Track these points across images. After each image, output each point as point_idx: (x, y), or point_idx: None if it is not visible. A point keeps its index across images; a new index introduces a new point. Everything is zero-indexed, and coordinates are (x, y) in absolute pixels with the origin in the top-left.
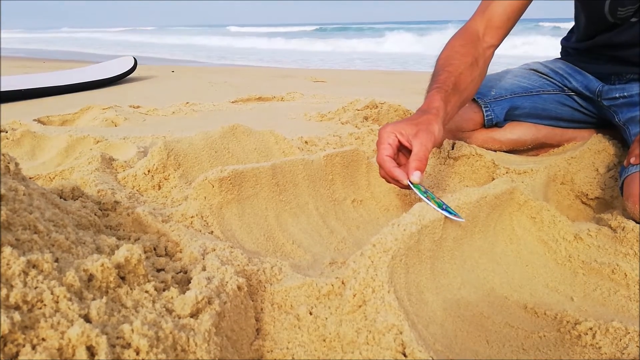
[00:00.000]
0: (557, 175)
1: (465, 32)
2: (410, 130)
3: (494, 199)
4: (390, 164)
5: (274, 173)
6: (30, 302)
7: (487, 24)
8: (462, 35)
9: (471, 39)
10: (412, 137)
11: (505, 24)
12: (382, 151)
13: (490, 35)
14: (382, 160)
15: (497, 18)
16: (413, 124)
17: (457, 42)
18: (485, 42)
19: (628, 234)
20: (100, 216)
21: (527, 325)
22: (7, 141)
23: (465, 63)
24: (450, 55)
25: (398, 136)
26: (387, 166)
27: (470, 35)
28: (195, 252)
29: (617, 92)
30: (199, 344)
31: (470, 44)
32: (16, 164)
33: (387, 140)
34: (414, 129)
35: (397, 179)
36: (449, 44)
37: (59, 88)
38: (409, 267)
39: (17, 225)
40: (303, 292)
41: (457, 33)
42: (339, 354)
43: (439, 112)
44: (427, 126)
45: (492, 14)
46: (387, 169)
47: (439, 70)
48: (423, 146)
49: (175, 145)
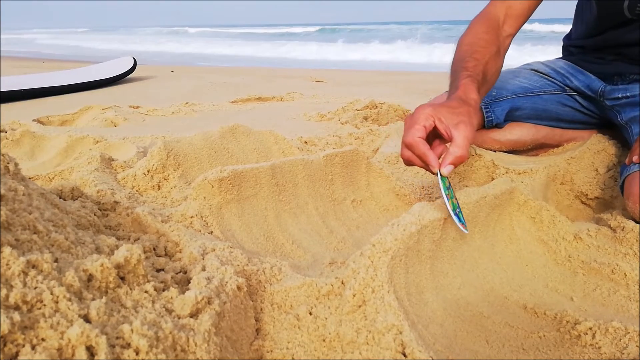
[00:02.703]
0: (557, 175)
1: (486, 17)
2: (451, 119)
3: (494, 199)
4: (424, 147)
5: (274, 173)
6: (30, 302)
7: (507, 12)
8: (485, 21)
9: (493, 26)
10: (453, 127)
11: (526, 12)
12: (414, 132)
13: (510, 24)
14: (414, 142)
15: (518, 6)
16: (454, 112)
17: (481, 27)
18: (505, 30)
19: (628, 234)
20: (100, 216)
21: (527, 325)
22: (6, 141)
23: (490, 52)
24: (475, 42)
25: (437, 122)
26: (421, 148)
27: (492, 21)
28: (194, 252)
29: (620, 93)
30: (199, 344)
31: (492, 32)
32: (16, 164)
33: (424, 122)
34: (455, 118)
35: (429, 162)
36: (472, 29)
37: (59, 88)
38: (408, 267)
39: (16, 226)
40: (303, 292)
41: (478, 17)
42: (338, 354)
43: (477, 105)
44: (469, 118)
45: (512, 1)
46: (420, 151)
47: (466, 57)
48: (466, 140)
49: (174, 145)
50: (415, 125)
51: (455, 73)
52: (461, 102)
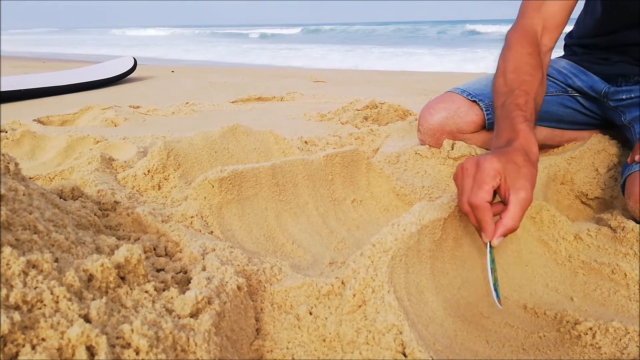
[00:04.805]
0: (557, 175)
1: (525, 33)
2: (514, 181)
3: None
4: (488, 214)
5: (274, 173)
6: (30, 302)
7: (545, 24)
8: (525, 39)
9: (534, 43)
10: (513, 192)
11: (564, 21)
12: (483, 194)
13: (548, 37)
14: (481, 206)
15: (556, 17)
16: (519, 173)
17: (523, 48)
18: (544, 45)
19: (628, 234)
20: (100, 216)
21: (527, 325)
22: (7, 141)
23: (537, 80)
24: (520, 67)
25: (502, 182)
26: (485, 215)
27: (532, 38)
28: (195, 252)
29: (624, 94)
30: (199, 344)
31: (535, 53)
32: (16, 164)
33: (492, 181)
34: (518, 181)
35: (485, 231)
36: (515, 51)
37: (59, 88)
38: (408, 267)
39: (17, 225)
40: (303, 292)
41: (516, 34)
42: (339, 354)
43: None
44: (531, 184)
45: (549, 12)
46: (483, 217)
47: (515, 89)
48: (522, 212)
49: (175, 145)
50: (484, 186)
51: (507, 109)
52: (526, 160)
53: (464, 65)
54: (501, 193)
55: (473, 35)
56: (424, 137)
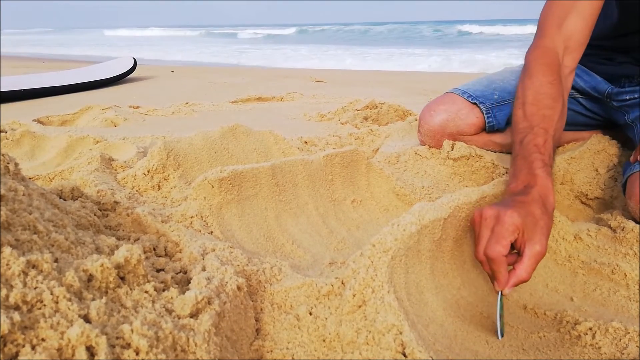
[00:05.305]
0: (557, 175)
1: (546, 58)
2: (531, 234)
3: (494, 198)
4: (504, 267)
5: (274, 173)
6: (30, 303)
7: (567, 44)
8: (546, 65)
9: (555, 69)
10: (529, 244)
11: (586, 40)
12: (500, 248)
13: (571, 57)
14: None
15: (578, 35)
16: (537, 226)
17: (545, 77)
18: (565, 67)
19: (628, 234)
20: (100, 216)
21: (527, 325)
22: (6, 141)
23: (557, 113)
24: (540, 99)
25: (519, 235)
26: (500, 268)
27: (553, 63)
28: (195, 252)
29: (628, 95)
30: (199, 344)
31: (558, 82)
32: (16, 164)
33: (511, 236)
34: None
35: (499, 281)
36: (536, 79)
37: (59, 88)
38: (408, 267)
39: (16, 226)
40: (303, 292)
41: (537, 58)
42: (338, 354)
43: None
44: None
45: (571, 30)
46: (498, 270)
47: (535, 125)
48: (535, 262)
49: (174, 145)
50: (502, 241)
51: (526, 150)
52: (544, 212)
53: (464, 65)
54: (517, 245)
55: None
56: (424, 138)
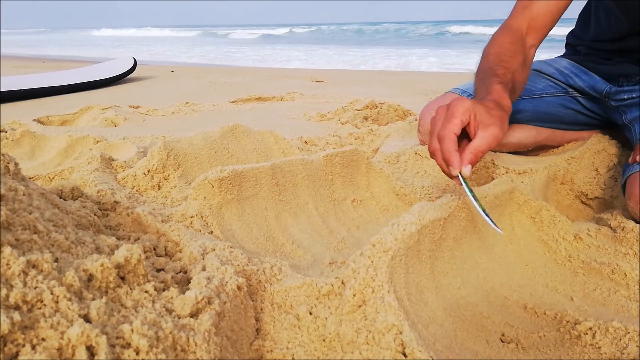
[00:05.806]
0: (557, 175)
1: (509, 29)
2: (484, 119)
3: (494, 198)
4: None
5: (274, 173)
6: (30, 302)
7: (530, 24)
8: (508, 33)
9: (517, 37)
10: (482, 127)
11: (549, 24)
12: (451, 126)
13: (533, 36)
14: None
15: (540, 18)
16: (490, 114)
17: (506, 38)
18: (528, 42)
19: (628, 234)
20: (100, 216)
21: (527, 325)
22: (7, 141)
23: (517, 61)
24: (501, 51)
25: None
26: (448, 145)
27: (516, 33)
28: (195, 252)
29: (626, 94)
30: (199, 344)
31: (518, 42)
32: (16, 164)
33: (461, 116)
34: (488, 119)
35: (450, 163)
36: (497, 40)
37: (59, 88)
38: (408, 267)
39: (16, 225)
40: (303, 292)
41: (500, 30)
42: (338, 354)
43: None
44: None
45: (534, 13)
46: (447, 148)
47: (494, 65)
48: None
49: (175, 145)
50: (452, 119)
51: (484, 79)
52: (496, 106)
53: (464, 65)
54: (470, 130)
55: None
56: (424, 138)
